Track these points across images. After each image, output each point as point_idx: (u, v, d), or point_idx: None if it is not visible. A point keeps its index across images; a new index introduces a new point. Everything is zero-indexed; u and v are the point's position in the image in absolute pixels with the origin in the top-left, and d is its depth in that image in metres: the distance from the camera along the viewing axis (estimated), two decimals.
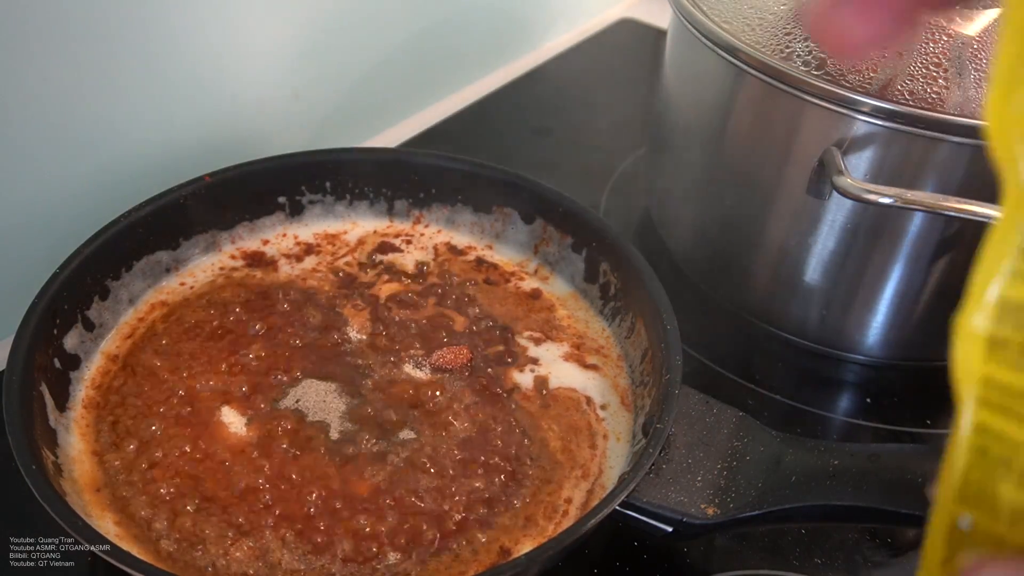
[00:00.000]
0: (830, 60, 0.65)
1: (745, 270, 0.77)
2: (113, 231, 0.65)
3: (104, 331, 0.65)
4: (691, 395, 0.61)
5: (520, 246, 0.76)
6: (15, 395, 0.53)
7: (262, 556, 0.53)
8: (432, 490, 0.57)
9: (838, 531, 0.64)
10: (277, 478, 0.57)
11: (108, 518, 0.54)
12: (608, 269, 0.70)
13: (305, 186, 0.75)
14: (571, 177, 0.94)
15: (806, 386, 0.77)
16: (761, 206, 0.73)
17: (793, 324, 0.77)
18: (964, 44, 0.65)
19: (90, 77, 0.71)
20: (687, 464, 0.57)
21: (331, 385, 0.63)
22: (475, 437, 0.61)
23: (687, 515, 0.55)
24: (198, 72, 0.79)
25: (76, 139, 0.72)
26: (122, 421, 0.59)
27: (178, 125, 0.80)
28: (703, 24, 0.70)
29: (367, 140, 0.99)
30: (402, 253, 0.75)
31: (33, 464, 0.50)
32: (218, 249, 0.73)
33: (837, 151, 0.64)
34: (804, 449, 0.58)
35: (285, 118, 0.89)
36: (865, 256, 0.69)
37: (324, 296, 0.70)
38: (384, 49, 0.97)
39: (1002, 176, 0.25)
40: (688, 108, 0.78)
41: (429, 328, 0.68)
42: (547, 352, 0.68)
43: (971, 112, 0.62)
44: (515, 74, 1.12)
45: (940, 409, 0.76)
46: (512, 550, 0.55)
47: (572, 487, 0.59)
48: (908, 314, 0.71)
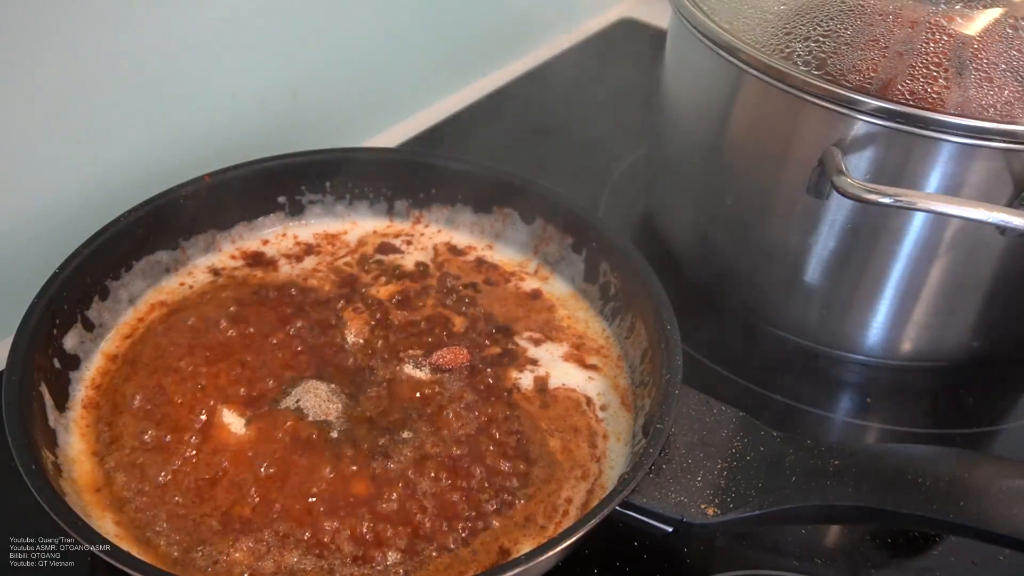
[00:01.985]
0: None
1: (745, 270, 0.77)
2: (113, 231, 0.65)
3: (104, 331, 0.65)
4: (691, 395, 0.61)
5: (520, 246, 0.76)
6: (15, 395, 0.53)
7: (262, 556, 0.53)
8: (431, 490, 0.57)
9: (838, 531, 0.64)
10: (277, 478, 0.57)
11: (108, 518, 0.54)
12: (608, 269, 0.70)
13: (305, 186, 0.75)
14: (571, 177, 0.94)
15: (806, 386, 0.77)
16: (761, 206, 0.73)
17: (793, 324, 0.76)
18: (964, 44, 0.65)
19: (90, 78, 0.71)
20: (687, 464, 0.57)
21: (331, 385, 0.63)
22: (475, 437, 0.61)
23: (687, 515, 0.55)
24: (198, 72, 0.79)
25: (76, 139, 0.72)
26: (122, 421, 0.59)
27: (178, 125, 0.80)
28: (703, 24, 0.70)
29: (367, 140, 0.99)
30: (402, 254, 0.75)
31: (33, 464, 0.50)
32: (218, 249, 0.73)
33: (837, 151, 0.64)
34: (804, 449, 0.58)
35: (285, 118, 0.89)
36: (865, 256, 0.69)
37: (324, 296, 0.70)
38: (384, 49, 0.97)
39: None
40: (688, 108, 0.78)
41: (429, 328, 0.68)
42: (547, 352, 0.68)
43: (971, 112, 0.62)
44: (515, 74, 1.12)
45: (940, 409, 0.76)
46: (512, 550, 0.55)
47: (572, 487, 0.59)
48: (908, 314, 0.71)
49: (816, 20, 0.68)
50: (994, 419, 0.76)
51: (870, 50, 0.65)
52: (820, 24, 0.68)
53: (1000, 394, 0.78)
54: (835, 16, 0.68)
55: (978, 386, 0.77)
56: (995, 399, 0.78)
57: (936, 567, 0.62)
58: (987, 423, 0.76)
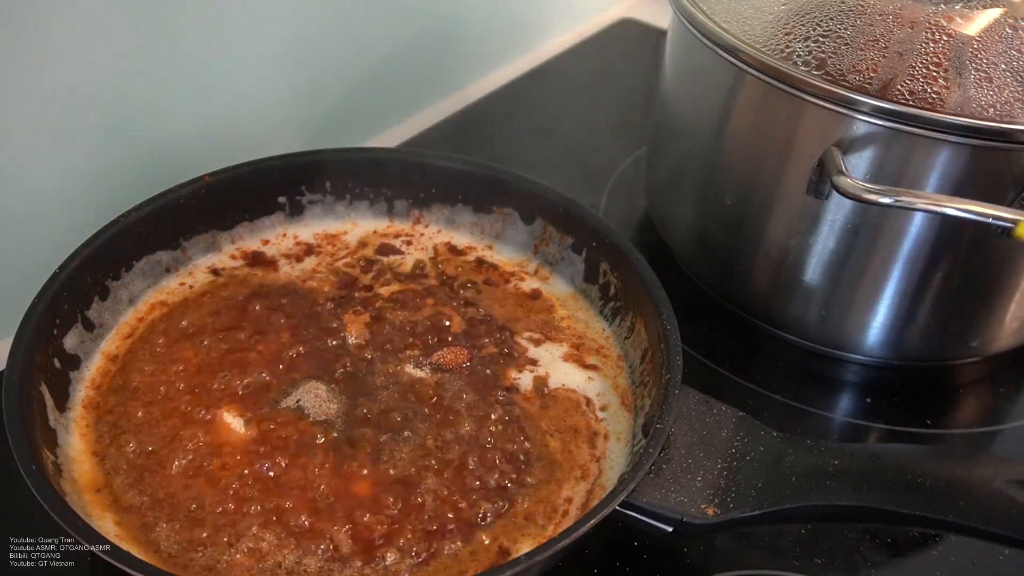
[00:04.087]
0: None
1: (745, 270, 0.77)
2: (113, 231, 0.65)
3: (104, 331, 0.65)
4: (691, 395, 0.61)
5: (520, 246, 0.76)
6: (15, 395, 0.53)
7: (262, 556, 0.53)
8: (431, 490, 0.57)
9: (838, 531, 0.64)
10: (277, 478, 0.57)
11: (108, 518, 0.54)
12: (608, 269, 0.70)
13: (305, 186, 0.75)
14: (571, 177, 0.94)
15: (806, 386, 0.77)
16: (761, 206, 0.73)
17: (793, 324, 0.76)
18: (964, 44, 0.65)
19: (90, 78, 0.71)
20: (687, 464, 0.57)
21: (331, 385, 0.63)
22: (475, 437, 0.61)
23: (687, 515, 0.55)
24: (198, 72, 0.79)
25: (76, 139, 0.72)
26: (122, 421, 0.59)
27: (178, 125, 0.80)
28: (703, 24, 0.70)
29: (367, 140, 0.99)
30: (402, 255, 0.75)
31: (33, 464, 0.50)
32: (218, 249, 0.73)
33: (837, 151, 0.64)
34: (804, 449, 0.58)
35: (285, 118, 0.89)
36: (865, 256, 0.69)
37: (324, 296, 0.70)
38: (384, 49, 0.97)
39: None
40: (688, 108, 0.78)
41: (429, 328, 0.68)
42: (547, 352, 0.68)
43: (971, 112, 0.62)
44: (515, 74, 1.12)
45: (940, 409, 0.76)
46: (512, 550, 0.55)
47: (572, 487, 0.59)
48: (908, 314, 0.71)
49: (816, 20, 0.68)
50: (994, 419, 0.77)
51: (870, 50, 0.65)
52: (820, 24, 0.68)
53: (1000, 394, 0.78)
54: (835, 16, 0.68)
55: (978, 386, 0.77)
56: (995, 399, 0.78)
57: (936, 567, 0.62)
58: (987, 423, 0.76)
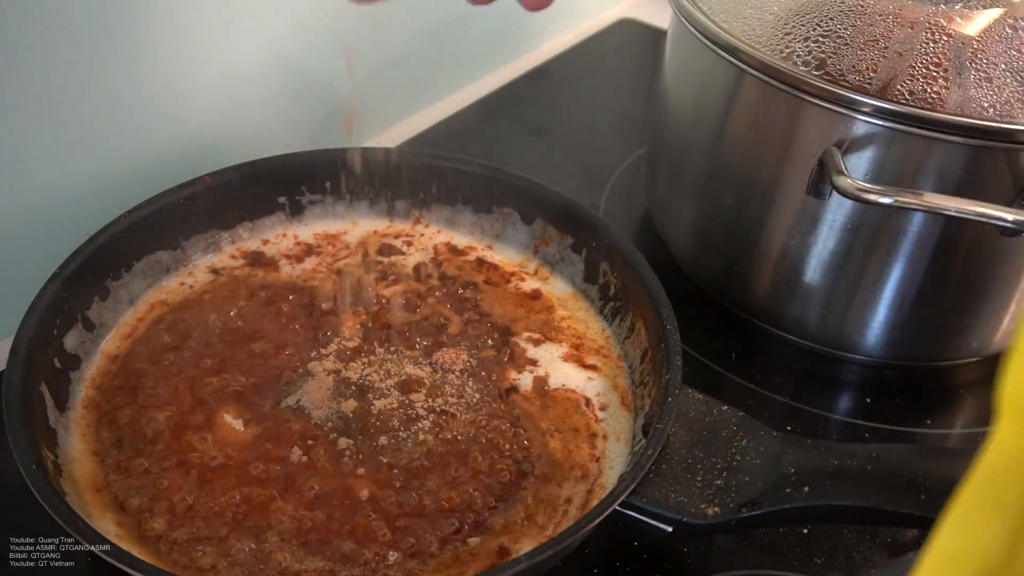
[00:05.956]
0: None
1: (745, 270, 0.77)
2: (113, 231, 0.65)
3: (104, 331, 0.65)
4: (691, 395, 0.61)
5: (520, 246, 0.76)
6: (15, 395, 0.53)
7: (263, 557, 0.53)
8: (431, 490, 0.57)
9: (838, 531, 0.64)
10: (278, 478, 0.57)
11: (108, 518, 0.54)
12: (608, 269, 0.70)
13: (305, 186, 0.75)
14: (571, 177, 0.94)
15: (806, 386, 0.77)
16: (761, 206, 0.73)
17: (793, 324, 0.76)
18: (964, 44, 0.65)
19: (90, 77, 0.71)
20: (687, 464, 0.57)
21: (331, 385, 0.63)
22: (474, 437, 0.61)
23: (687, 515, 0.55)
24: (198, 71, 0.79)
25: (76, 139, 0.72)
26: (122, 421, 0.59)
27: (178, 125, 0.80)
28: (703, 24, 0.70)
29: (367, 140, 0.99)
30: (403, 255, 0.75)
31: (33, 464, 0.50)
32: (218, 249, 0.73)
33: (837, 151, 0.64)
34: (804, 449, 0.58)
35: (285, 118, 0.89)
36: (865, 256, 0.69)
37: (324, 296, 0.70)
38: (384, 49, 0.97)
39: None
40: (688, 108, 0.78)
41: (429, 328, 0.68)
42: (546, 353, 0.68)
43: (971, 112, 0.62)
44: (515, 74, 1.12)
45: (940, 409, 0.76)
46: (512, 550, 0.55)
47: (572, 487, 0.59)
48: (908, 314, 0.71)
49: (816, 20, 0.68)
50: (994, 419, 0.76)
51: (870, 50, 0.65)
52: (820, 24, 0.68)
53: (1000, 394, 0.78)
54: (835, 16, 0.68)
55: (978, 386, 0.77)
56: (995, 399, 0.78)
57: None
58: (987, 423, 0.76)
